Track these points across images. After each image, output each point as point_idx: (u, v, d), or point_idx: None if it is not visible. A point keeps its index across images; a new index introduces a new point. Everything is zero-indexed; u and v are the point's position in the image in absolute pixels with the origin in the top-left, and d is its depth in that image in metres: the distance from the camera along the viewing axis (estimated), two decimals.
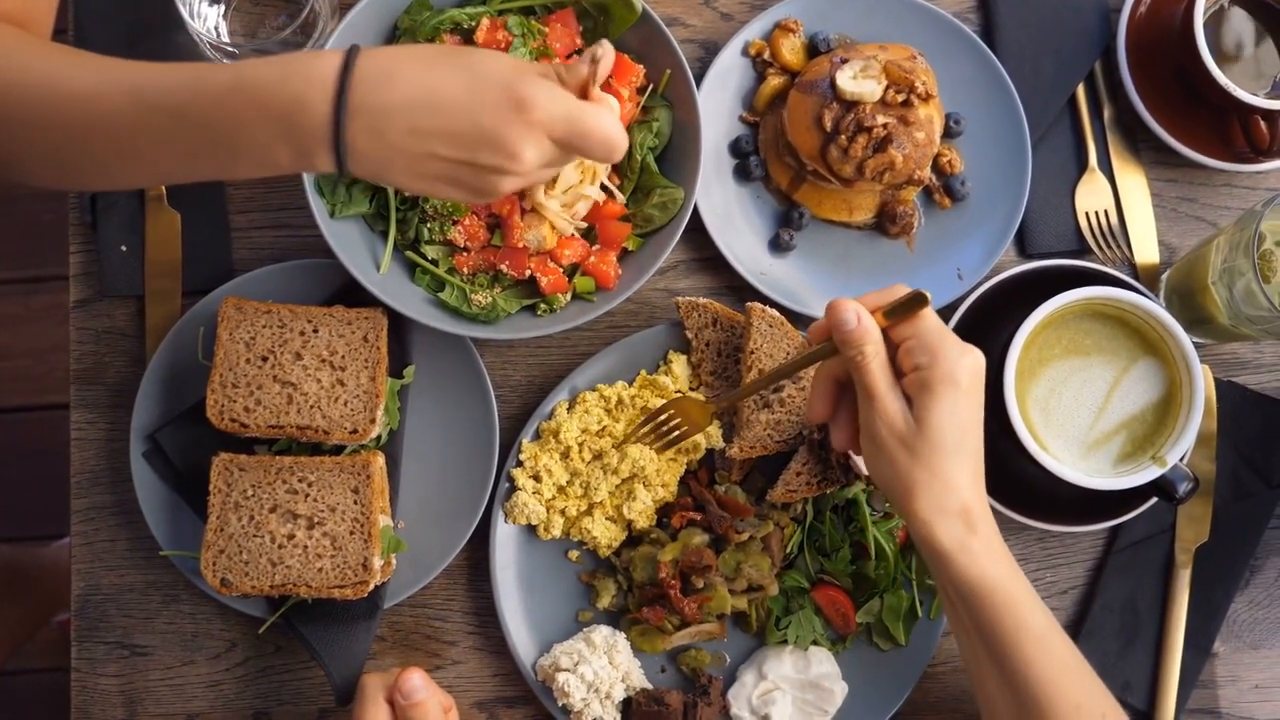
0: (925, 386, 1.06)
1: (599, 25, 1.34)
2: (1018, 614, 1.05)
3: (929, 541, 1.06)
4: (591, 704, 1.29)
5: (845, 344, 1.08)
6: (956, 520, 1.06)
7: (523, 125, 0.99)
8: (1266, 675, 1.40)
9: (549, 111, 0.99)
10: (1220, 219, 1.44)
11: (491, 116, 0.98)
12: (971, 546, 1.05)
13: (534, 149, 1.01)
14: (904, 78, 1.31)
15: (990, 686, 1.08)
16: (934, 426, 1.05)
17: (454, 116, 0.99)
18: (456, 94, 0.98)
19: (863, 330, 1.07)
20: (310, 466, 1.27)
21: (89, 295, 1.39)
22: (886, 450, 1.07)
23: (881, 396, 1.07)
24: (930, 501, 1.05)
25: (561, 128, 1.01)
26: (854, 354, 1.08)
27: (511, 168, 1.01)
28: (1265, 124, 1.37)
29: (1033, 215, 1.42)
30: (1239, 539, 1.39)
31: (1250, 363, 1.43)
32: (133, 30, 1.39)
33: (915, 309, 1.08)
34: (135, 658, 1.35)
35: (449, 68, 0.99)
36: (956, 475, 1.06)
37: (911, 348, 1.07)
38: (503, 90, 0.98)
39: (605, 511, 1.33)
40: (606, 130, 1.03)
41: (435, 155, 1.00)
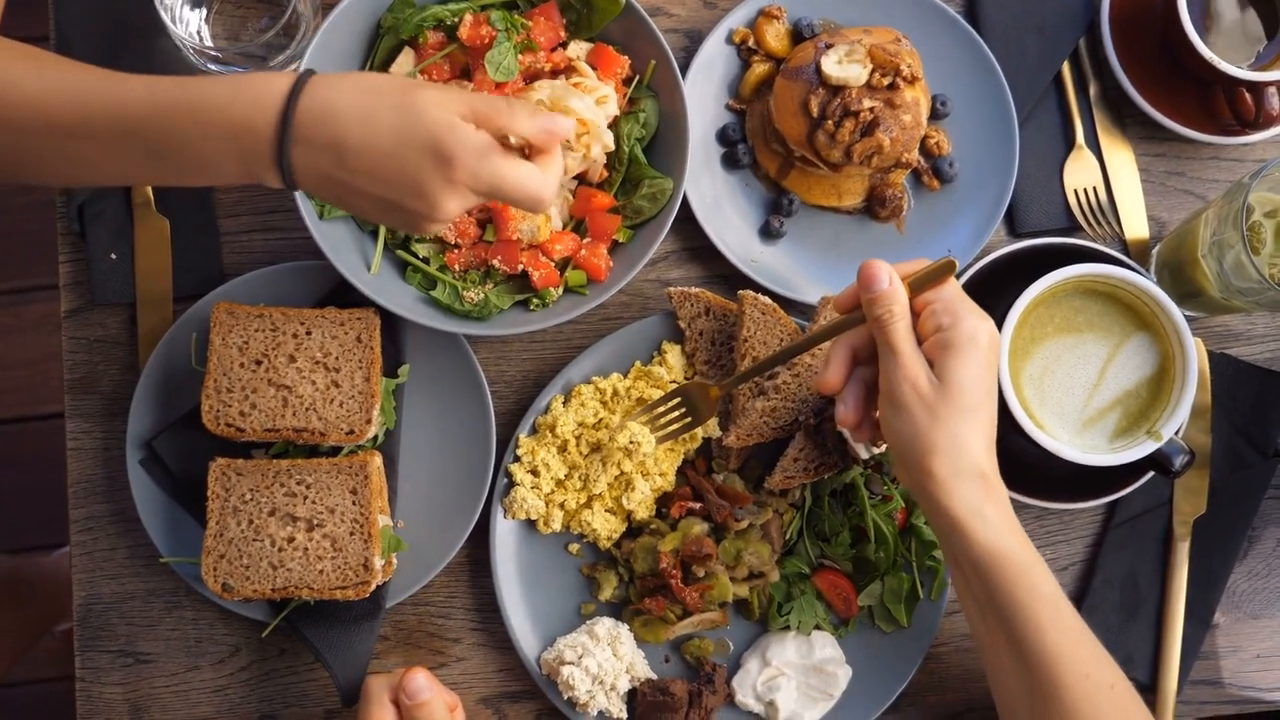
0: (948, 346, 1.06)
1: (582, 17, 1.34)
2: (1030, 583, 1.04)
3: (945, 508, 1.05)
4: (597, 696, 1.29)
5: (874, 303, 1.07)
6: (973, 485, 1.05)
7: (443, 181, 1.02)
8: (1268, 645, 1.40)
9: (473, 171, 1.02)
10: (1208, 192, 1.44)
11: (415, 169, 1.01)
12: (986, 513, 1.05)
13: (455, 202, 1.04)
14: (889, 61, 1.30)
15: (1000, 656, 1.07)
16: (956, 385, 1.05)
17: (380, 161, 1.01)
18: (385, 141, 1.01)
19: (894, 290, 1.07)
20: (308, 469, 1.27)
21: (80, 304, 1.39)
22: (908, 411, 1.06)
23: (907, 354, 1.07)
24: (949, 464, 1.05)
25: (484, 187, 1.04)
26: (882, 312, 1.07)
27: (434, 215, 1.05)
28: (1250, 96, 1.37)
29: (1021, 194, 1.42)
30: (1236, 510, 1.40)
31: (1242, 334, 1.43)
32: (114, 36, 1.39)
33: (944, 277, 1.09)
34: (139, 665, 1.35)
35: (385, 110, 1.01)
36: (973, 439, 1.06)
37: (935, 310, 1.08)
38: (429, 144, 1.01)
39: (604, 503, 1.33)
40: (527, 191, 1.05)
41: (363, 192, 1.04)
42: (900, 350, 1.07)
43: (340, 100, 1.01)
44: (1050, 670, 1.04)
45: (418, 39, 1.32)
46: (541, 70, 1.32)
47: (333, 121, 1.01)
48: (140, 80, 1.03)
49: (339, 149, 1.01)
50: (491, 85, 1.29)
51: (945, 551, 1.10)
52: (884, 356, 1.09)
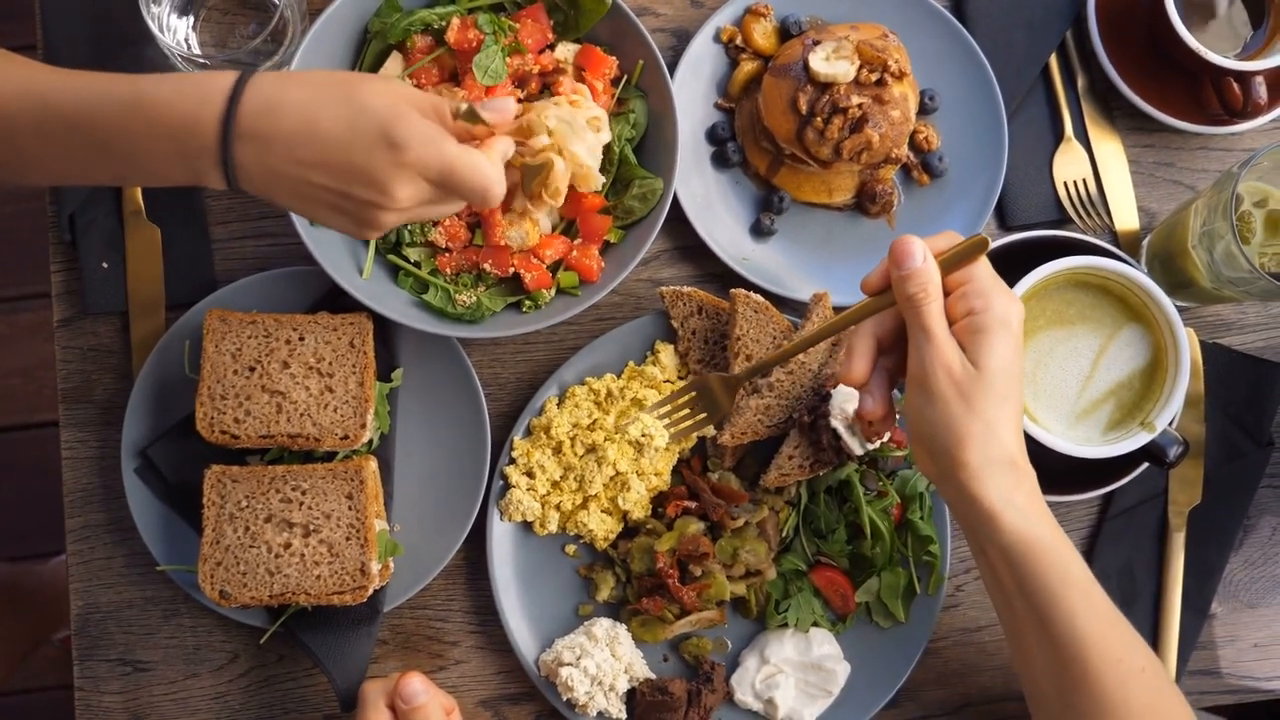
0: (981, 330, 1.02)
1: (569, 18, 1.34)
2: (1062, 569, 1.02)
3: (977, 498, 1.02)
4: (596, 697, 1.29)
5: (908, 282, 1.02)
6: (1005, 473, 1.02)
7: (393, 166, 1.01)
8: (1265, 634, 1.41)
9: (421, 154, 1.01)
10: (1198, 182, 1.45)
11: (365, 154, 1.01)
12: (1017, 501, 1.02)
13: (407, 188, 1.03)
14: (877, 57, 1.31)
15: (1028, 642, 1.05)
16: (991, 371, 1.01)
17: (330, 150, 1.01)
18: (334, 128, 1.01)
19: (928, 268, 1.03)
20: (303, 474, 1.27)
21: (72, 313, 1.38)
22: (941, 398, 1.02)
23: (941, 338, 1.02)
24: (982, 453, 1.01)
25: (434, 172, 1.03)
26: (916, 291, 1.02)
27: (386, 204, 1.03)
28: (1238, 85, 1.37)
29: (1011, 187, 1.42)
30: (1231, 499, 1.40)
31: (1234, 324, 1.43)
32: (102, 44, 1.39)
33: (975, 255, 1.04)
34: (138, 674, 1.35)
35: (332, 101, 1.01)
36: (1005, 425, 1.02)
37: (966, 292, 1.04)
38: (378, 129, 1.00)
39: (600, 504, 1.33)
40: (478, 178, 1.04)
41: (314, 184, 1.03)
42: (934, 333, 1.03)
43: (285, 94, 1.01)
44: (1081, 656, 1.02)
45: (405, 43, 1.32)
46: (530, 73, 1.32)
47: (279, 114, 1.00)
48: (91, 77, 1.03)
49: (287, 141, 1.00)
50: (481, 89, 1.29)
51: (972, 540, 1.07)
52: (916, 340, 1.04)
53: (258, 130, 1.00)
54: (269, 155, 1.01)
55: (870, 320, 1.09)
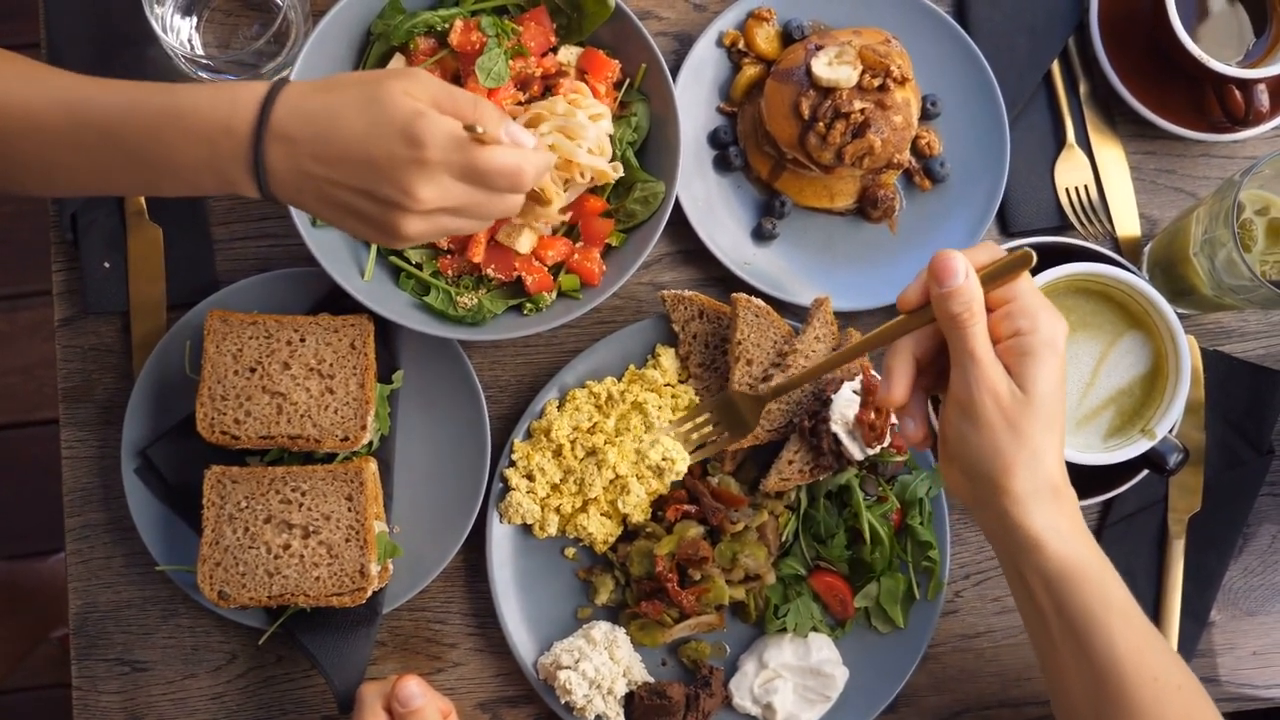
0: (1029, 353, 0.98)
1: (572, 22, 1.34)
2: (1103, 593, 1.00)
3: (1021, 526, 0.99)
4: (594, 700, 1.29)
5: (950, 300, 0.97)
6: (1049, 499, 0.99)
7: (415, 163, 1.01)
8: (1264, 641, 1.41)
9: (444, 150, 1.01)
10: (1199, 189, 1.45)
11: (386, 152, 1.01)
12: (1061, 527, 0.99)
13: (431, 187, 1.02)
14: (879, 62, 1.31)
15: (1064, 662, 1.03)
16: (1039, 396, 0.98)
17: (351, 147, 1.01)
18: (357, 129, 1.01)
19: (971, 286, 0.97)
20: (303, 476, 1.27)
21: (73, 313, 1.38)
22: (988, 425, 0.98)
23: (987, 362, 0.98)
24: (1028, 481, 0.98)
25: (458, 167, 1.02)
26: (960, 311, 0.97)
27: (409, 204, 1.03)
28: (1240, 93, 1.37)
29: (1013, 193, 1.42)
30: (1231, 507, 1.40)
31: (1235, 331, 1.43)
32: (105, 44, 1.39)
33: (1019, 271, 0.98)
34: (136, 674, 1.35)
35: (356, 100, 1.02)
36: (1049, 450, 0.99)
37: (1011, 311, 0.99)
38: (399, 127, 1.00)
39: (600, 507, 1.33)
40: (505, 165, 1.03)
41: (338, 184, 1.03)
42: (980, 357, 0.98)
43: (314, 98, 1.02)
44: (1119, 677, 1.00)
45: (408, 45, 1.32)
46: (532, 76, 1.32)
47: (308, 118, 1.01)
48: (124, 86, 1.05)
49: (313, 142, 1.01)
50: (484, 92, 1.29)
51: (1007, 563, 1.03)
52: (960, 362, 0.99)
53: (287, 133, 1.01)
54: (297, 157, 1.02)
55: (908, 338, 1.03)
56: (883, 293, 1.38)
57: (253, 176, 1.03)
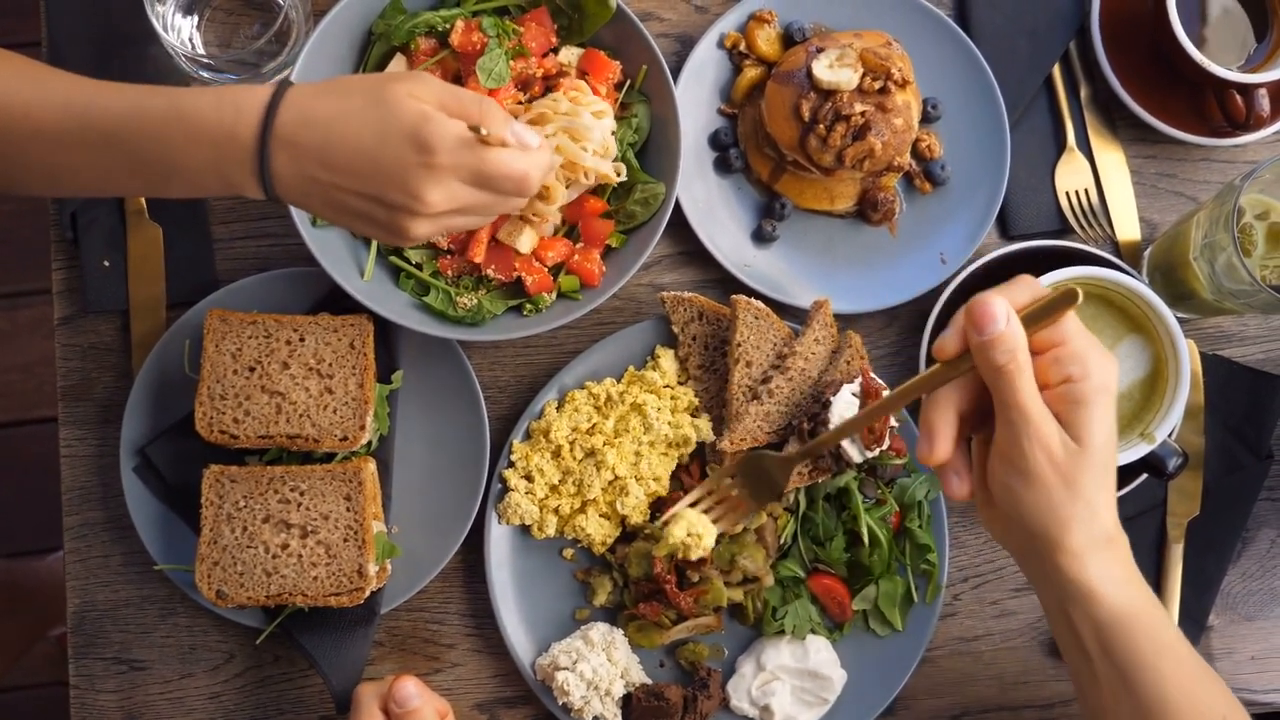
0: (1082, 401, 0.91)
1: (574, 23, 1.34)
2: (1155, 636, 0.96)
3: (1075, 579, 0.94)
4: (591, 701, 1.29)
5: (993, 349, 0.89)
6: (1103, 549, 0.95)
7: (424, 169, 1.01)
8: (1262, 646, 1.40)
9: (453, 155, 1.02)
10: (1200, 194, 1.45)
11: (395, 157, 1.01)
12: (1115, 575, 0.95)
13: (439, 192, 1.03)
14: (880, 65, 1.31)
15: (1107, 699, 0.99)
16: (1094, 446, 0.91)
17: (359, 155, 1.01)
18: (363, 133, 1.01)
19: (1014, 332, 0.89)
20: (301, 475, 1.27)
21: (73, 312, 1.38)
22: (1040, 481, 0.92)
23: (1037, 415, 0.91)
24: (1085, 535, 0.93)
25: (466, 171, 1.03)
26: (1005, 361, 0.89)
27: (418, 209, 1.03)
28: (1241, 98, 1.37)
29: (1013, 197, 1.42)
30: (1230, 512, 1.40)
31: (1235, 335, 1.43)
32: (106, 43, 1.39)
33: (1064, 309, 0.91)
34: (133, 673, 1.35)
35: (362, 106, 1.02)
36: (1104, 499, 0.94)
37: (1060, 356, 0.92)
38: (408, 133, 1.01)
39: (598, 508, 1.33)
40: (513, 170, 1.04)
41: (346, 190, 1.03)
42: (1030, 412, 0.90)
43: (319, 104, 1.02)
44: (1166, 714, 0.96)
45: (409, 45, 1.32)
46: (533, 76, 1.32)
47: (313, 125, 1.02)
48: (128, 89, 1.05)
49: (320, 149, 1.01)
50: (484, 92, 1.29)
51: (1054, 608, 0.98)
52: (1008, 417, 0.92)
53: (293, 140, 1.01)
54: (303, 164, 1.02)
55: (948, 389, 0.95)
56: (883, 295, 1.38)
57: (258, 181, 1.03)
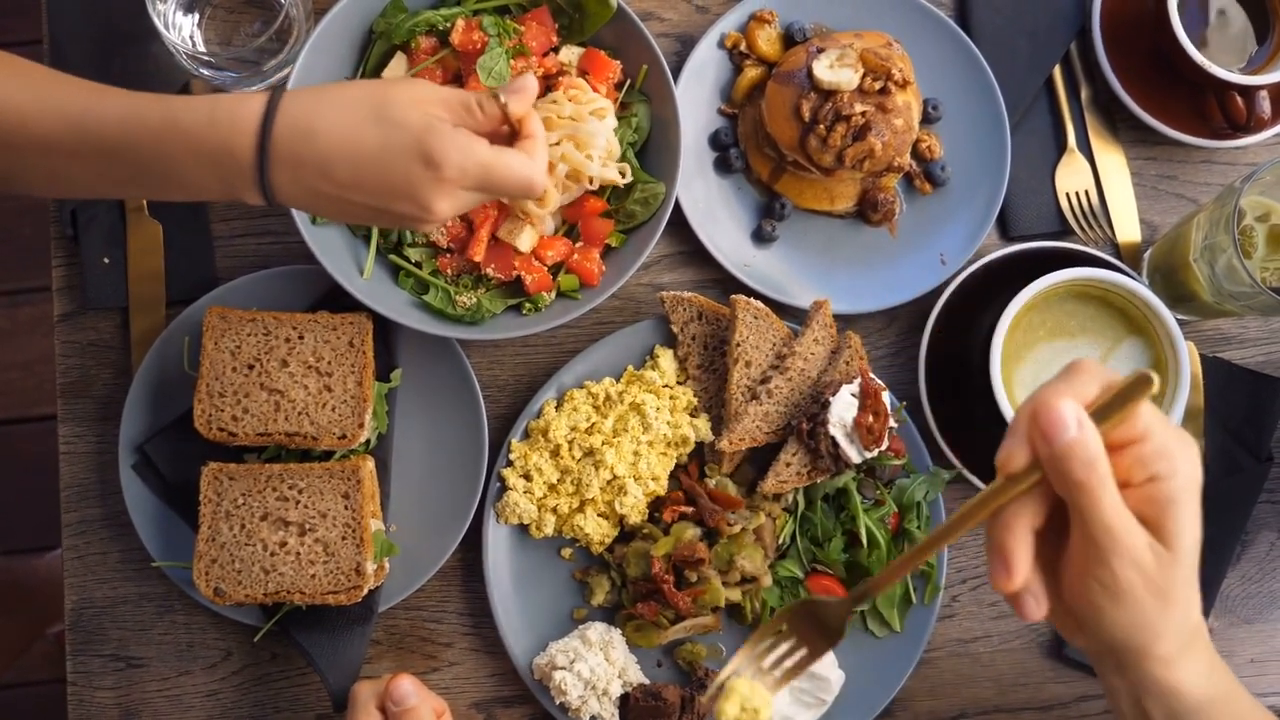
0: (1173, 501, 0.82)
1: (574, 22, 1.34)
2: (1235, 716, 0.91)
3: (1163, 682, 0.88)
4: (589, 701, 1.29)
5: (1068, 461, 0.79)
6: (1192, 647, 0.88)
7: (433, 182, 1.01)
8: (1261, 649, 1.40)
9: (460, 168, 1.01)
10: (1200, 196, 1.44)
11: (403, 174, 1.01)
12: (1202, 669, 0.89)
13: (446, 202, 1.03)
14: (880, 65, 1.30)
15: None
16: (1184, 549, 0.82)
17: (365, 171, 1.01)
18: (369, 150, 1.00)
19: (1088, 439, 0.79)
20: (300, 473, 1.27)
21: (73, 308, 1.38)
22: (1131, 598, 0.83)
23: (1127, 534, 0.81)
24: (1175, 642, 0.86)
25: (473, 181, 1.03)
26: (1083, 476, 0.79)
27: (426, 218, 1.04)
28: (1242, 100, 1.37)
29: (1014, 198, 1.42)
30: (1229, 514, 1.40)
31: (1235, 338, 1.43)
32: (107, 41, 1.39)
33: (1139, 398, 0.80)
34: (131, 670, 1.35)
35: (364, 120, 1.01)
36: (1193, 596, 0.85)
37: (1143, 454, 0.82)
38: (413, 147, 1.00)
39: (597, 508, 1.33)
40: (518, 178, 1.04)
41: (353, 202, 1.03)
42: (1117, 529, 0.80)
43: (318, 117, 1.01)
44: None
45: (410, 44, 1.32)
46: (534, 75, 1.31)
47: (313, 139, 1.00)
48: (125, 98, 1.04)
49: (323, 164, 1.01)
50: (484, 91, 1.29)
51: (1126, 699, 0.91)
52: (1092, 535, 0.81)
53: (292, 156, 1.01)
54: (306, 178, 1.01)
55: (1020, 508, 0.84)
56: (882, 296, 1.38)
57: (259, 192, 1.03)
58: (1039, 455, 0.81)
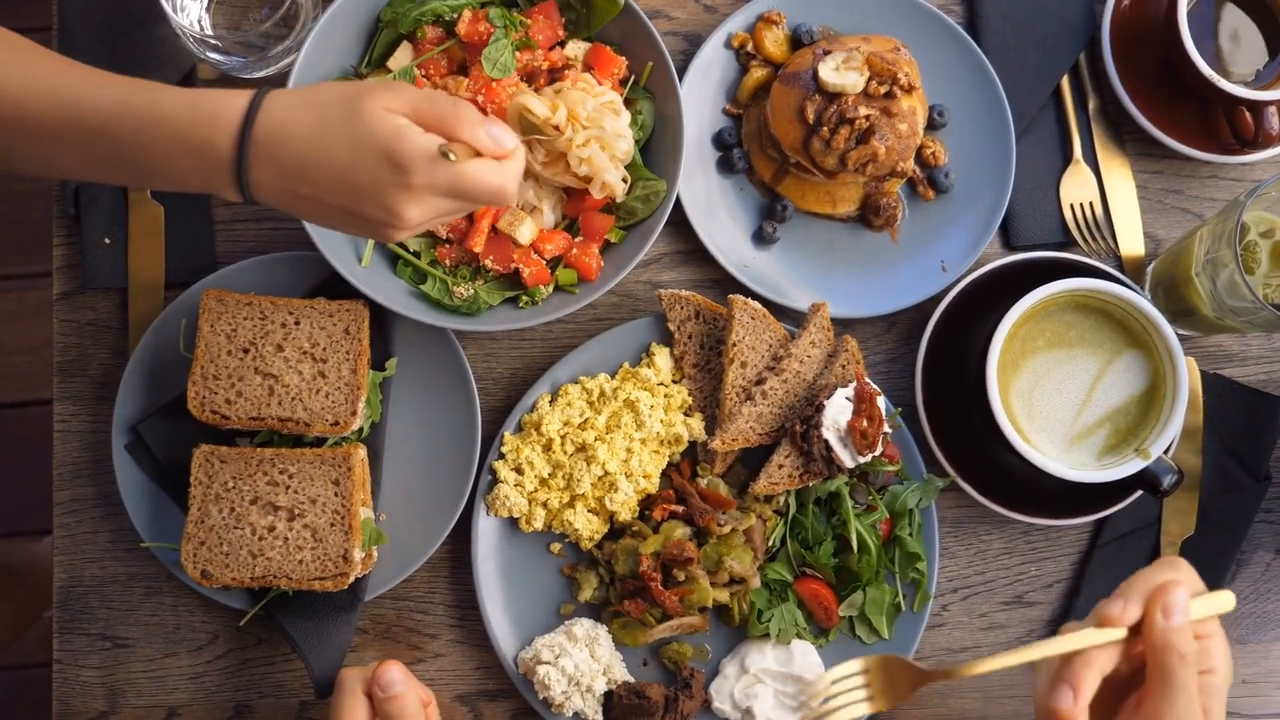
0: (1217, 693, 1.01)
1: (581, 17, 1.34)
2: None
3: None
4: (572, 697, 1.29)
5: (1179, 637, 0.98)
6: None
7: (400, 188, 1.01)
8: (1254, 670, 1.39)
9: (429, 174, 1.01)
10: (1206, 211, 1.43)
11: (371, 179, 1.01)
12: None
13: (416, 209, 1.03)
14: (886, 69, 1.30)
15: None
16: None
17: (334, 174, 1.01)
18: (339, 153, 1.01)
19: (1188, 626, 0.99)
20: (291, 458, 1.26)
21: (73, 287, 1.39)
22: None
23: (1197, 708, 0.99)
24: None
25: (443, 188, 1.02)
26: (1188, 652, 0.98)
27: (395, 223, 1.04)
28: (1250, 115, 1.36)
29: (1017, 207, 1.42)
30: (1225, 533, 1.38)
31: (1236, 355, 1.42)
32: (116, 25, 1.39)
33: (1219, 611, 1.02)
34: (117, 650, 1.35)
35: (336, 123, 1.01)
36: None
37: (1207, 648, 1.02)
38: (381, 152, 1.00)
39: (587, 504, 1.33)
40: (489, 185, 1.03)
41: (326, 203, 1.03)
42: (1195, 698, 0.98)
43: (294, 120, 1.02)
44: None
45: (416, 33, 1.32)
46: (539, 69, 1.32)
47: (289, 141, 1.01)
48: (116, 82, 1.04)
49: (297, 165, 1.01)
50: (488, 81, 1.29)
51: None
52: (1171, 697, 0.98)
53: (269, 155, 1.01)
54: (281, 178, 1.02)
55: (1103, 653, 1.00)
56: (882, 301, 1.37)
57: (237, 189, 1.03)
58: (1153, 626, 0.98)
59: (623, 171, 1.31)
